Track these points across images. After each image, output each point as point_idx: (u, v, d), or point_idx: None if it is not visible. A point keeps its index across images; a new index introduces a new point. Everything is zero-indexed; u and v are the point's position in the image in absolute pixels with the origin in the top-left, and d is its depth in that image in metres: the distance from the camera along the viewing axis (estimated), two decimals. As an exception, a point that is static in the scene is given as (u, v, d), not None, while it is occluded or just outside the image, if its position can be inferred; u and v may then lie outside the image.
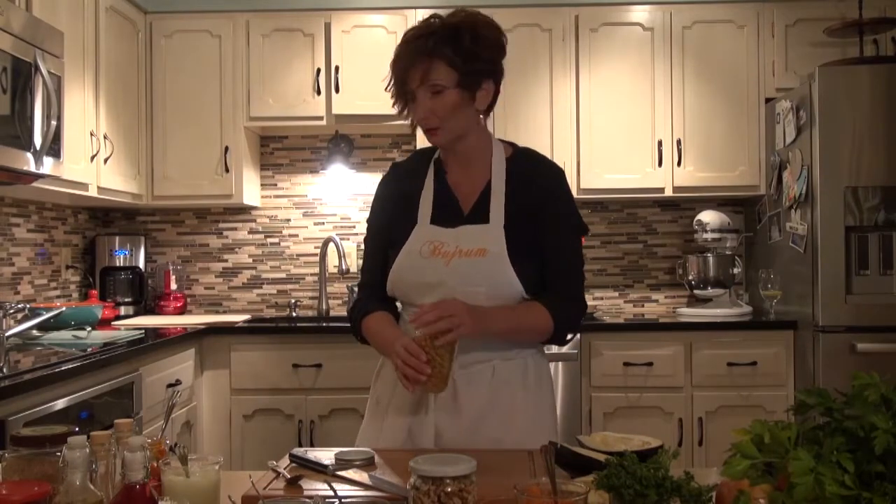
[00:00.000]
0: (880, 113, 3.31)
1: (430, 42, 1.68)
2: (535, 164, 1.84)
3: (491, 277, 1.71)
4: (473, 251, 1.71)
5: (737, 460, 0.93)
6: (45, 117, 2.69)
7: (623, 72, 3.85)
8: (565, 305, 1.75)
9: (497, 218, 1.73)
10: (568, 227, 1.79)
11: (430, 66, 1.68)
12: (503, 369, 1.76)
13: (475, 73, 1.71)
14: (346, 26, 3.86)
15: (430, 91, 1.69)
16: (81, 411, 2.38)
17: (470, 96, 1.72)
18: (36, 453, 1.15)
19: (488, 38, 1.72)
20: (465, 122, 1.75)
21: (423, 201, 1.80)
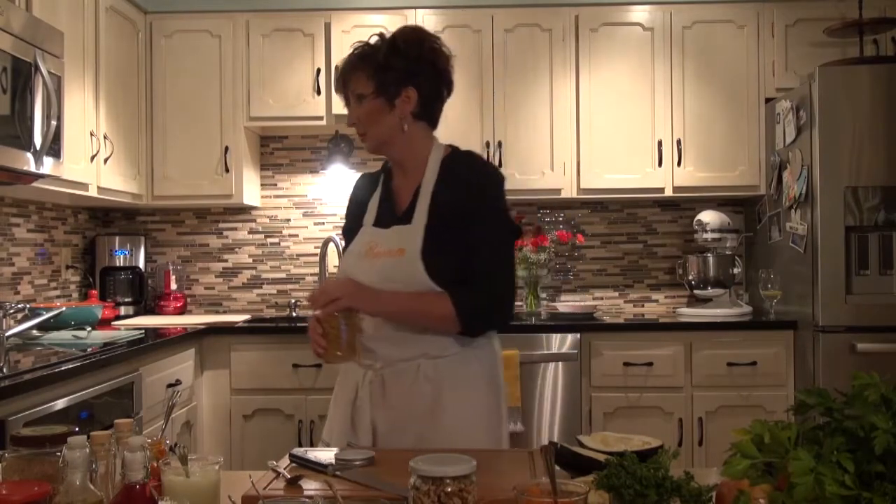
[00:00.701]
0: (880, 113, 3.32)
1: (355, 56, 1.87)
2: (466, 165, 1.92)
3: (406, 275, 1.80)
4: (394, 251, 1.82)
5: (737, 460, 0.93)
6: (45, 117, 2.69)
7: (623, 72, 3.85)
8: (472, 297, 1.79)
9: (420, 218, 1.83)
10: (489, 226, 1.84)
11: (352, 76, 1.86)
12: (429, 367, 1.82)
13: (390, 82, 1.84)
14: (346, 26, 3.86)
15: (355, 100, 1.87)
16: (81, 411, 2.38)
17: (389, 103, 1.86)
18: (36, 453, 1.15)
19: (403, 49, 1.85)
20: (386, 128, 1.88)
21: (370, 205, 1.96)
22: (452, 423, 1.79)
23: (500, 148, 3.84)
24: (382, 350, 1.83)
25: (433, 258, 1.79)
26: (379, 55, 1.84)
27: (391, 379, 1.82)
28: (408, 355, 1.82)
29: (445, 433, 1.77)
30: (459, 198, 1.83)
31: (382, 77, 1.84)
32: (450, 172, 1.89)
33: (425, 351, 1.82)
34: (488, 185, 1.88)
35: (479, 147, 3.84)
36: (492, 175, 1.91)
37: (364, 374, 1.84)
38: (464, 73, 3.86)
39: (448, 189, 1.85)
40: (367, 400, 1.82)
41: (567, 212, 4.24)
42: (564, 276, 4.24)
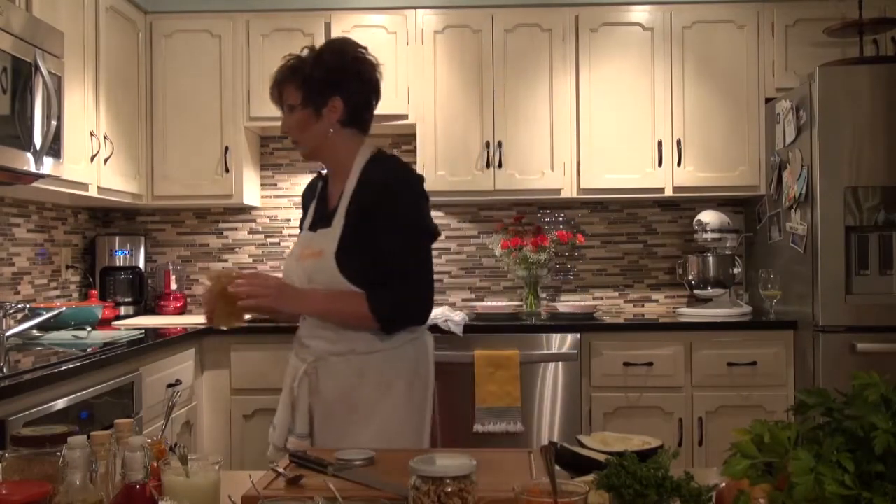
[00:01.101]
0: (880, 113, 3.32)
1: (286, 68, 2.01)
2: (382, 169, 2.00)
3: (325, 276, 1.93)
4: (315, 252, 1.95)
5: (737, 460, 0.93)
6: (45, 117, 2.69)
7: (623, 72, 3.85)
8: (386, 297, 1.90)
9: (338, 221, 1.95)
10: (401, 228, 1.93)
11: (284, 87, 2.00)
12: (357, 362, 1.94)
13: (317, 92, 1.96)
14: (346, 26, 3.86)
15: (287, 110, 2.00)
16: (81, 411, 2.38)
17: (316, 113, 1.98)
18: (36, 453, 1.15)
19: (327, 60, 1.98)
20: (315, 136, 2.00)
21: (309, 210, 2.11)
22: (377, 417, 1.91)
23: (500, 147, 3.84)
24: (315, 345, 1.98)
25: (346, 259, 1.91)
26: (306, 67, 1.97)
27: (323, 371, 1.96)
28: (338, 350, 1.94)
29: (370, 427, 1.89)
30: (372, 201, 1.93)
31: (309, 88, 1.96)
32: (368, 176, 1.98)
33: (353, 347, 1.94)
34: (399, 188, 1.96)
35: (478, 146, 3.85)
36: (403, 179, 1.99)
37: (300, 368, 1.98)
38: (464, 73, 3.86)
39: (364, 192, 1.95)
40: (305, 390, 1.97)
41: (567, 212, 4.24)
42: (564, 276, 4.25)
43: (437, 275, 4.17)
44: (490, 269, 4.25)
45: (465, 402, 3.48)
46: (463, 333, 3.51)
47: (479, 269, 4.26)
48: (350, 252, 1.91)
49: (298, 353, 2.04)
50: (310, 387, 1.97)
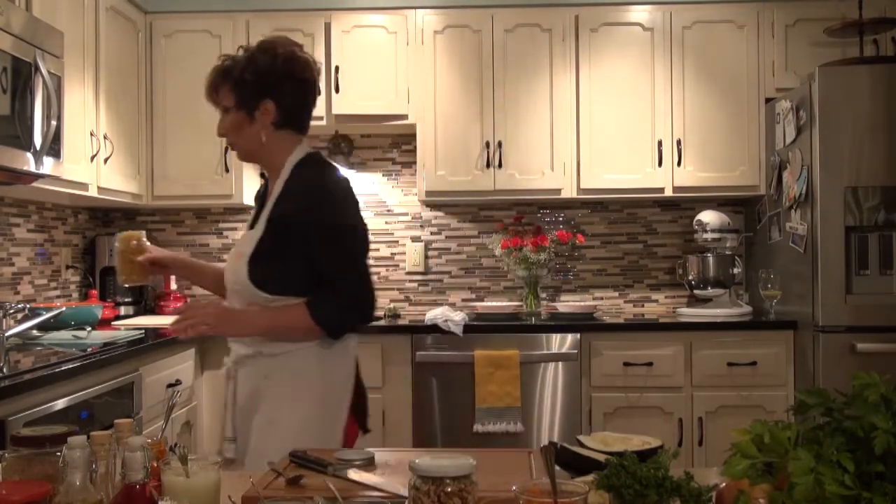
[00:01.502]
0: (880, 113, 3.32)
1: (220, 70, 1.98)
2: (305, 175, 1.97)
3: (237, 277, 1.94)
4: (238, 254, 1.96)
5: (737, 460, 0.93)
6: (45, 117, 2.69)
7: (623, 72, 3.85)
8: (325, 304, 1.90)
9: (261, 224, 1.95)
10: (327, 233, 1.90)
11: (218, 90, 1.98)
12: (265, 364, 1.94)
13: (248, 96, 1.94)
14: (346, 26, 3.86)
15: (223, 111, 1.99)
16: (81, 411, 2.38)
17: (249, 116, 1.95)
18: (36, 453, 1.15)
19: (259, 62, 1.94)
20: (249, 139, 1.98)
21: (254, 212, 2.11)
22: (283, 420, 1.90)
23: (500, 148, 3.84)
24: (234, 347, 2.01)
25: (257, 264, 1.91)
26: (237, 69, 1.94)
27: (241, 374, 1.98)
28: (250, 352, 1.96)
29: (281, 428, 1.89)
30: (291, 208, 1.91)
31: (241, 91, 1.94)
32: (293, 180, 1.96)
33: (261, 349, 1.94)
34: (316, 195, 1.92)
35: (478, 146, 3.84)
36: (319, 185, 1.94)
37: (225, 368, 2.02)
38: (464, 73, 3.86)
39: (287, 197, 1.94)
40: (230, 392, 1.99)
41: (567, 212, 4.24)
42: (564, 276, 4.25)
43: (437, 275, 4.24)
44: (490, 269, 4.25)
45: (465, 402, 3.48)
46: (463, 333, 3.51)
47: (479, 269, 4.26)
48: (263, 257, 1.91)
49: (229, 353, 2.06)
50: (230, 389, 2.00)
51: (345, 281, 1.92)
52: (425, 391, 3.54)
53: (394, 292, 4.25)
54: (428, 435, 3.52)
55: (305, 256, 1.89)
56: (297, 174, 1.97)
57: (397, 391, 3.55)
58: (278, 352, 1.92)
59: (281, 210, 1.92)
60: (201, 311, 1.90)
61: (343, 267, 1.92)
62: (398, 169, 4.27)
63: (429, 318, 3.61)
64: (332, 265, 1.91)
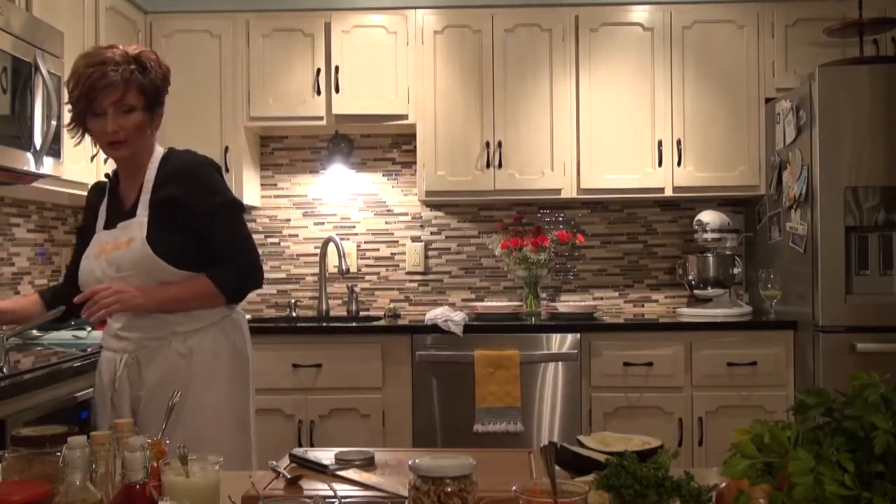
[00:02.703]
0: (880, 113, 3.32)
1: (124, 69, 2.02)
2: (178, 159, 2.15)
3: (137, 261, 2.02)
4: (123, 242, 2.05)
5: (737, 460, 0.93)
6: (45, 117, 2.69)
7: (623, 72, 3.85)
8: (225, 271, 2.08)
9: (142, 211, 2.07)
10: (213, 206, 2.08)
11: (126, 88, 2.02)
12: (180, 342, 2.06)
13: (156, 101, 2.11)
14: (346, 26, 3.86)
15: (120, 110, 2.03)
16: (81, 411, 2.38)
17: (151, 117, 2.11)
18: (36, 453, 1.15)
19: (164, 71, 2.12)
20: (143, 140, 2.11)
21: (100, 212, 2.18)
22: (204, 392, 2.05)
23: (500, 148, 3.84)
24: (133, 335, 2.06)
25: (158, 242, 2.02)
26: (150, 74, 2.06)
27: (145, 359, 2.05)
28: (159, 334, 2.05)
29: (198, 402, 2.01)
30: (177, 187, 2.06)
31: (153, 94, 2.08)
32: (167, 167, 2.12)
33: (174, 329, 2.06)
34: (202, 171, 2.13)
35: (478, 146, 3.85)
36: (203, 163, 2.15)
37: (120, 360, 2.06)
38: (464, 73, 3.86)
39: (166, 182, 2.08)
40: (126, 382, 2.05)
41: (567, 212, 4.24)
42: (564, 276, 4.25)
43: (437, 275, 4.25)
44: (490, 269, 4.25)
45: (465, 402, 3.48)
46: (463, 333, 3.51)
47: (479, 269, 4.26)
48: (160, 236, 2.03)
49: (111, 346, 2.10)
50: (130, 378, 2.05)
51: (239, 250, 2.12)
52: (425, 391, 3.54)
53: (394, 292, 4.25)
54: (428, 435, 3.52)
55: (195, 232, 2.06)
56: (170, 162, 2.13)
57: (397, 391, 3.55)
58: (192, 329, 2.07)
59: (164, 193, 2.06)
60: (110, 292, 1.96)
61: (234, 238, 2.12)
62: (398, 169, 4.27)
63: (429, 318, 3.61)
64: (226, 237, 2.10)
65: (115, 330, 2.10)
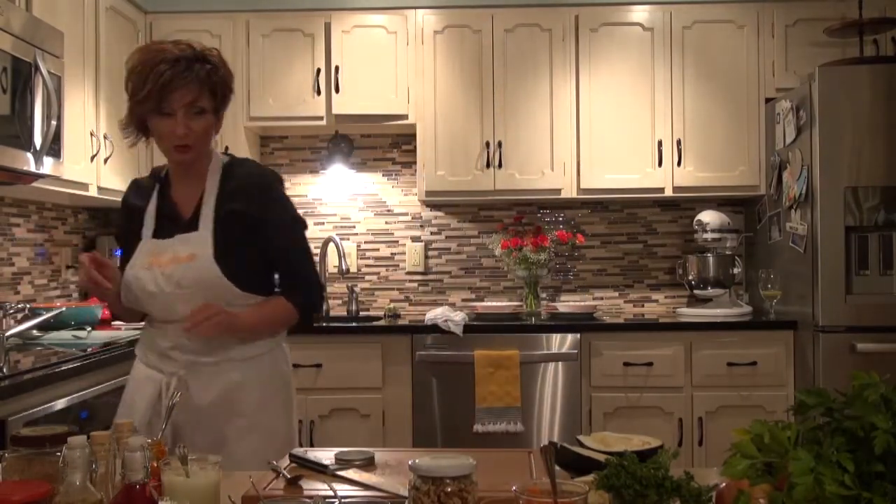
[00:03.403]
0: (880, 113, 3.31)
1: (199, 68, 1.88)
2: (244, 171, 2.01)
3: (200, 279, 1.89)
4: (184, 257, 1.90)
5: (737, 460, 0.93)
6: (45, 117, 2.69)
7: (623, 72, 3.85)
8: (301, 293, 1.99)
9: (206, 224, 1.92)
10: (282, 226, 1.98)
11: (200, 90, 1.89)
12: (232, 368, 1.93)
13: (222, 103, 1.97)
14: (346, 26, 3.86)
15: (191, 112, 1.89)
16: (81, 411, 2.38)
17: (218, 121, 1.98)
18: (36, 453, 1.15)
19: (229, 73, 1.99)
20: (210, 143, 1.99)
21: (147, 216, 2.00)
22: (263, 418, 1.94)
23: (500, 148, 3.84)
24: (184, 358, 1.92)
25: (226, 260, 1.89)
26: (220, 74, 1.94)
27: (195, 382, 1.91)
28: (211, 359, 1.92)
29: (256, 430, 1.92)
30: (246, 203, 1.93)
31: (222, 97, 1.96)
32: (233, 179, 1.97)
33: (228, 356, 1.93)
34: (270, 187, 1.99)
35: (478, 146, 3.85)
36: (267, 178, 2.01)
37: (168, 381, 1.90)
38: (464, 73, 3.86)
39: (232, 196, 1.94)
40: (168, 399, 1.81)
41: (567, 212, 4.24)
42: (564, 276, 4.24)
43: (437, 275, 4.25)
44: (490, 269, 4.25)
45: (465, 402, 3.48)
46: (463, 333, 3.51)
47: (479, 269, 4.26)
48: (226, 254, 1.90)
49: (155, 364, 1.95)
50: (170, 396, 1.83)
51: (308, 271, 2.04)
52: (425, 391, 3.54)
53: (394, 292, 4.25)
54: (428, 435, 3.52)
55: (261, 250, 1.95)
56: (236, 173, 1.99)
57: (397, 391, 3.55)
58: (245, 357, 1.95)
59: (231, 207, 1.93)
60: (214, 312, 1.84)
61: (303, 259, 2.03)
62: (398, 169, 4.27)
63: (429, 318, 3.61)
64: (295, 258, 2.01)
65: (163, 348, 1.94)
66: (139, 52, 1.91)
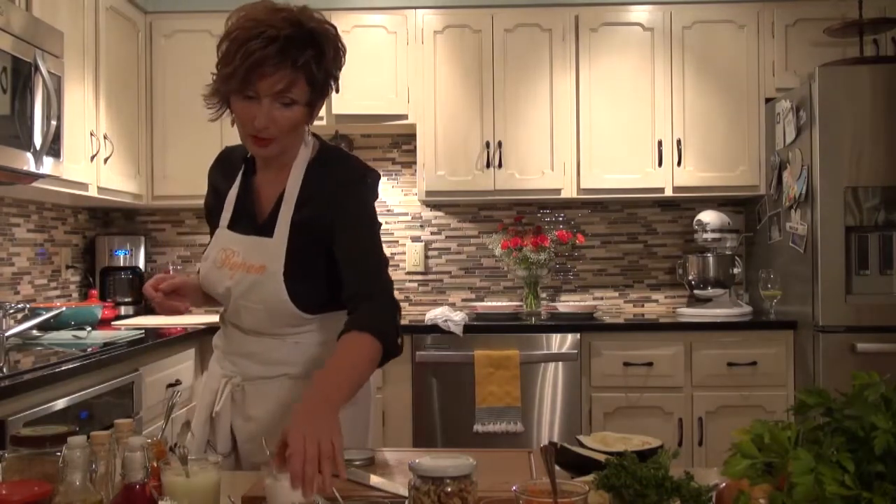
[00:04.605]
0: (880, 113, 3.31)
1: (298, 53, 1.56)
2: (329, 170, 1.72)
3: (267, 296, 1.66)
4: (255, 266, 1.67)
5: (737, 460, 0.93)
6: (45, 117, 2.69)
7: (623, 72, 3.85)
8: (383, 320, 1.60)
9: (282, 232, 1.67)
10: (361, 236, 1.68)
11: (293, 79, 1.57)
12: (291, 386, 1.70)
13: (319, 95, 1.64)
14: (346, 26, 3.86)
15: (279, 102, 1.59)
16: (81, 411, 2.38)
17: (311, 113, 1.66)
18: (36, 453, 1.15)
19: (341, 55, 1.65)
20: (296, 139, 1.70)
21: (227, 201, 1.80)
22: None
23: (500, 148, 3.84)
24: (242, 365, 1.74)
25: (296, 281, 1.65)
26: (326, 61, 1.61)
27: (252, 392, 1.73)
28: (269, 373, 1.72)
29: None
30: (321, 211, 1.67)
31: (321, 89, 1.63)
32: (315, 179, 1.71)
33: (286, 371, 1.71)
34: (349, 194, 1.69)
35: (478, 146, 3.84)
36: (353, 181, 1.71)
37: (224, 384, 1.74)
38: (464, 73, 3.86)
39: (311, 201, 1.68)
40: (227, 409, 1.74)
41: (567, 212, 4.24)
42: (564, 276, 4.24)
43: (437, 275, 4.24)
44: (490, 269, 4.25)
45: (465, 402, 3.48)
46: (463, 333, 3.51)
47: (479, 269, 4.26)
48: (297, 272, 1.66)
49: (221, 364, 1.79)
50: (233, 407, 1.74)
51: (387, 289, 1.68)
52: (425, 391, 3.54)
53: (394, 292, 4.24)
54: (428, 435, 3.52)
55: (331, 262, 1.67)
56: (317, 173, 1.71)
57: (397, 391, 3.55)
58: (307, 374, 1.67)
59: (307, 214, 1.67)
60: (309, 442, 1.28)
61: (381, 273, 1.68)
62: (398, 169, 4.27)
63: (429, 318, 3.61)
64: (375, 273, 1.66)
65: (224, 351, 1.78)
66: (239, 14, 1.59)
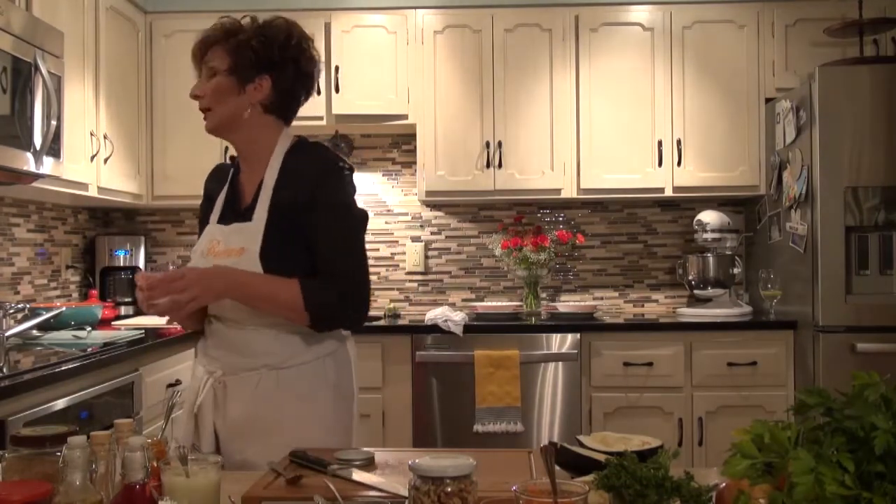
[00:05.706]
0: (880, 113, 3.32)
1: (220, 28, 1.81)
2: (307, 157, 1.82)
3: None
4: (235, 250, 1.76)
5: (737, 460, 0.93)
6: (45, 117, 2.69)
7: (623, 72, 3.85)
8: (322, 291, 1.72)
9: (260, 215, 1.76)
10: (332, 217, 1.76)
11: (211, 48, 1.81)
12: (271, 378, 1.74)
13: (247, 64, 1.77)
14: (346, 26, 3.86)
15: (208, 73, 1.82)
16: (81, 411, 2.38)
17: (240, 85, 1.79)
18: (36, 453, 1.15)
19: (269, 36, 1.79)
20: (230, 110, 1.80)
21: (217, 200, 1.91)
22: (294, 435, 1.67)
23: (500, 148, 3.84)
24: (224, 358, 1.77)
25: (273, 259, 1.72)
26: (242, 34, 1.79)
27: (233, 387, 1.76)
28: (250, 365, 1.75)
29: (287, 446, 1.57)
30: (298, 192, 1.75)
31: (241, 56, 1.78)
32: (291, 166, 1.80)
33: (267, 362, 1.74)
34: (328, 175, 1.77)
35: (478, 146, 3.84)
36: (332, 165, 1.79)
37: (205, 380, 1.77)
38: (464, 73, 3.86)
39: (288, 183, 1.77)
40: (209, 406, 1.76)
41: (567, 212, 4.24)
42: (564, 276, 4.24)
43: (437, 275, 4.24)
44: (490, 269, 4.25)
45: (465, 402, 3.49)
46: (463, 333, 3.51)
47: (479, 269, 4.26)
48: (274, 251, 1.73)
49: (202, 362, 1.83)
50: (215, 403, 1.76)
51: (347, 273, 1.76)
52: (425, 391, 3.54)
53: (394, 292, 4.25)
54: (428, 435, 3.53)
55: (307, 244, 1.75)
56: (296, 159, 1.81)
57: (397, 391, 3.55)
58: (286, 365, 1.75)
59: (284, 197, 1.76)
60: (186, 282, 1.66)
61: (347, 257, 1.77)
62: (398, 169, 4.27)
63: (429, 318, 3.61)
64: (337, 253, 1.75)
65: (205, 346, 1.83)
66: None
